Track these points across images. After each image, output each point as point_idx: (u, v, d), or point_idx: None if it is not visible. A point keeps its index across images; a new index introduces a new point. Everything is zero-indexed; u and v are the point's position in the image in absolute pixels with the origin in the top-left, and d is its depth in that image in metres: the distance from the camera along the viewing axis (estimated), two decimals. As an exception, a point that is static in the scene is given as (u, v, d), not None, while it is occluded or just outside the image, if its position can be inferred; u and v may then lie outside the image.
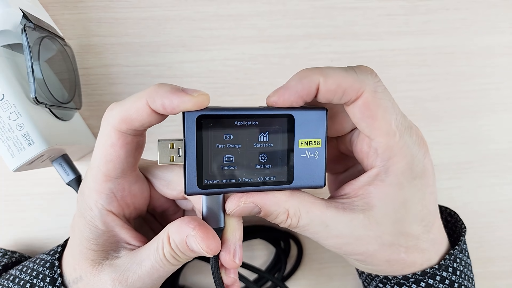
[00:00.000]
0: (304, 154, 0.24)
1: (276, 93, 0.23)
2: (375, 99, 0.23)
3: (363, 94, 0.23)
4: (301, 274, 0.42)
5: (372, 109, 0.23)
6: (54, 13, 0.37)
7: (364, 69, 0.24)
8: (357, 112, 0.24)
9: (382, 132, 0.24)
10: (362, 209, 0.25)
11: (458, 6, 0.41)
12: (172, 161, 0.23)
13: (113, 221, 0.25)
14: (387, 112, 0.24)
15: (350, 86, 0.23)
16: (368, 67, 0.24)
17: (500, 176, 0.43)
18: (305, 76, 0.23)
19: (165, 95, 0.21)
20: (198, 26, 0.39)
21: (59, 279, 0.26)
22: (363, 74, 0.23)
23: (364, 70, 0.24)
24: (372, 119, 0.23)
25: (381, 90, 0.24)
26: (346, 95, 0.23)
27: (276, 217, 0.24)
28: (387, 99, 0.24)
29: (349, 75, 0.23)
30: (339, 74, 0.23)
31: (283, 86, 0.23)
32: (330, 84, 0.22)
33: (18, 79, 0.30)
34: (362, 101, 0.23)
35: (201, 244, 0.22)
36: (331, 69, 0.23)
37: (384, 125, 0.24)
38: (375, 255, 0.26)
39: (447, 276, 0.27)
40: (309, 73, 0.23)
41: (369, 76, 0.23)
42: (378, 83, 0.24)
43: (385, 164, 0.25)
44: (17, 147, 0.29)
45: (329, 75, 0.23)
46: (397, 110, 0.24)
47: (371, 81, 0.23)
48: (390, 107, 0.24)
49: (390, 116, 0.24)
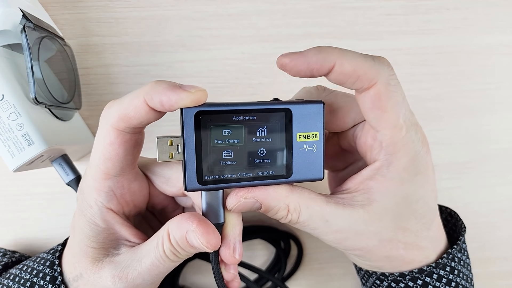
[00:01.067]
0: (302, 147, 0.24)
1: (290, 55, 0.23)
2: (387, 91, 0.23)
3: (376, 84, 0.23)
4: (301, 274, 0.42)
5: (383, 100, 0.23)
6: (53, 13, 0.37)
7: (382, 60, 0.24)
8: (367, 101, 0.23)
9: (389, 125, 0.24)
10: (362, 204, 0.25)
11: (458, 5, 0.41)
12: (171, 157, 0.23)
13: (113, 219, 0.25)
14: (397, 105, 0.23)
15: (365, 74, 0.22)
16: (385, 59, 0.24)
17: (500, 176, 0.43)
18: (324, 51, 0.22)
19: (163, 92, 0.21)
20: (197, 26, 0.39)
21: (59, 277, 0.26)
22: (380, 65, 0.23)
23: (381, 60, 0.23)
24: (381, 111, 0.23)
25: (394, 83, 0.23)
26: (359, 82, 0.23)
27: (276, 212, 0.24)
28: (399, 93, 0.24)
29: (366, 62, 0.23)
30: (357, 59, 0.22)
31: (299, 52, 0.23)
32: (346, 67, 0.22)
33: (18, 79, 0.30)
34: (375, 91, 0.23)
35: (201, 239, 0.22)
36: (351, 52, 0.23)
37: (392, 118, 0.23)
38: (374, 250, 0.26)
39: (444, 274, 0.27)
40: (329, 50, 0.22)
41: (385, 67, 0.23)
42: (393, 76, 0.23)
43: (388, 158, 0.24)
44: (17, 147, 0.29)
45: (347, 57, 0.22)
46: (407, 106, 0.24)
47: (386, 72, 0.23)
48: (400, 101, 0.24)
49: (399, 110, 0.24)
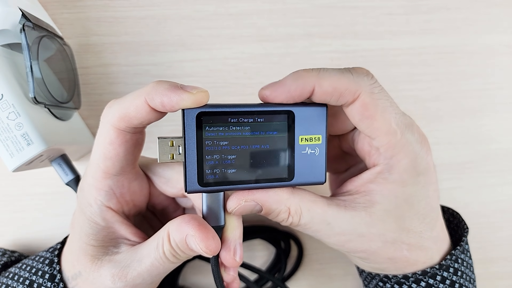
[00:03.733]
0: (304, 150, 0.24)
1: (270, 87, 0.23)
2: (372, 100, 0.23)
3: (360, 96, 0.23)
4: (302, 275, 0.41)
5: (371, 109, 0.23)
6: (53, 12, 0.37)
7: (360, 70, 0.24)
8: (355, 114, 0.24)
9: (382, 132, 0.24)
10: (364, 207, 0.25)
11: (459, 5, 0.41)
12: (172, 158, 0.23)
13: (113, 217, 0.25)
14: (385, 111, 0.23)
15: (346, 89, 0.23)
16: (364, 69, 0.24)
17: (501, 176, 0.43)
18: (301, 77, 0.23)
19: (164, 92, 0.21)
20: (197, 25, 0.39)
21: (58, 275, 0.26)
22: (359, 76, 0.23)
23: (360, 71, 0.24)
24: (371, 120, 0.23)
25: (378, 91, 0.23)
26: (342, 98, 0.23)
27: (277, 215, 0.24)
28: (384, 99, 0.24)
29: (344, 77, 0.23)
30: (335, 76, 0.23)
31: (277, 82, 0.23)
32: (325, 87, 0.22)
33: (17, 79, 0.30)
34: (360, 103, 0.23)
35: (200, 244, 0.22)
36: (327, 71, 0.23)
37: (384, 124, 0.24)
38: (378, 252, 0.26)
39: (448, 276, 0.27)
40: (305, 75, 0.23)
41: (365, 77, 0.23)
42: (375, 84, 0.24)
43: (388, 162, 0.24)
44: (16, 147, 0.29)
45: (324, 77, 0.23)
46: (396, 109, 0.24)
47: (367, 82, 0.23)
48: (388, 106, 0.24)
49: (389, 116, 0.24)
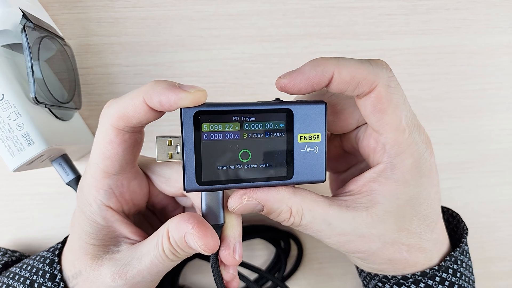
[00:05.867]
0: (303, 148, 0.23)
1: (288, 75, 0.23)
2: (388, 93, 0.23)
3: (376, 88, 0.23)
4: (301, 274, 0.42)
5: (384, 103, 0.23)
6: (53, 12, 0.37)
7: (380, 62, 0.23)
8: (368, 105, 0.23)
9: (391, 128, 0.23)
10: (365, 207, 0.25)
11: (458, 5, 0.41)
12: (171, 158, 0.23)
13: (112, 217, 0.25)
14: (398, 107, 0.23)
15: (365, 79, 0.22)
16: (383, 61, 0.24)
17: (500, 176, 0.43)
18: (320, 64, 0.22)
19: (162, 92, 0.21)
20: (197, 26, 0.39)
21: (59, 274, 0.26)
22: (378, 68, 0.23)
23: (379, 63, 0.23)
24: (382, 113, 0.23)
25: (394, 85, 0.23)
26: (359, 87, 0.23)
27: (278, 215, 0.24)
28: (399, 94, 0.23)
29: (364, 67, 0.22)
30: (354, 65, 0.22)
31: (296, 70, 0.23)
32: (344, 75, 0.22)
33: (18, 79, 0.30)
34: (375, 95, 0.23)
35: (199, 242, 0.22)
36: (347, 60, 0.23)
37: (394, 120, 0.23)
38: (377, 253, 0.26)
39: (447, 277, 0.27)
40: (325, 62, 0.22)
41: (384, 70, 0.23)
42: (392, 78, 0.23)
43: (392, 161, 0.24)
44: (17, 147, 0.29)
45: (344, 66, 0.22)
46: (408, 107, 0.24)
47: (385, 75, 0.23)
48: (401, 103, 0.23)
49: (401, 112, 0.23)
